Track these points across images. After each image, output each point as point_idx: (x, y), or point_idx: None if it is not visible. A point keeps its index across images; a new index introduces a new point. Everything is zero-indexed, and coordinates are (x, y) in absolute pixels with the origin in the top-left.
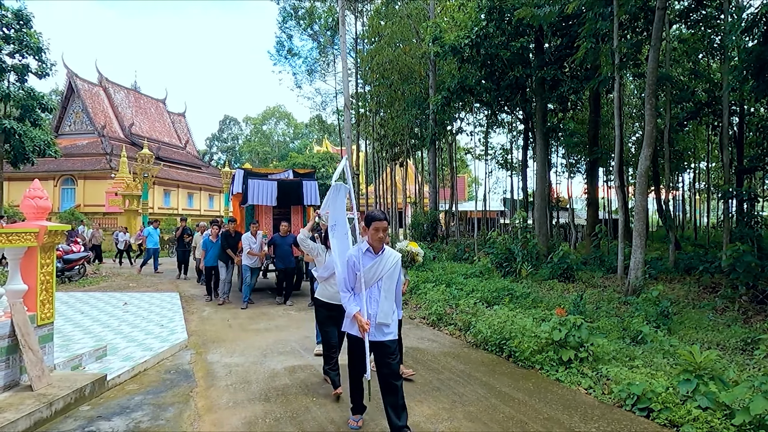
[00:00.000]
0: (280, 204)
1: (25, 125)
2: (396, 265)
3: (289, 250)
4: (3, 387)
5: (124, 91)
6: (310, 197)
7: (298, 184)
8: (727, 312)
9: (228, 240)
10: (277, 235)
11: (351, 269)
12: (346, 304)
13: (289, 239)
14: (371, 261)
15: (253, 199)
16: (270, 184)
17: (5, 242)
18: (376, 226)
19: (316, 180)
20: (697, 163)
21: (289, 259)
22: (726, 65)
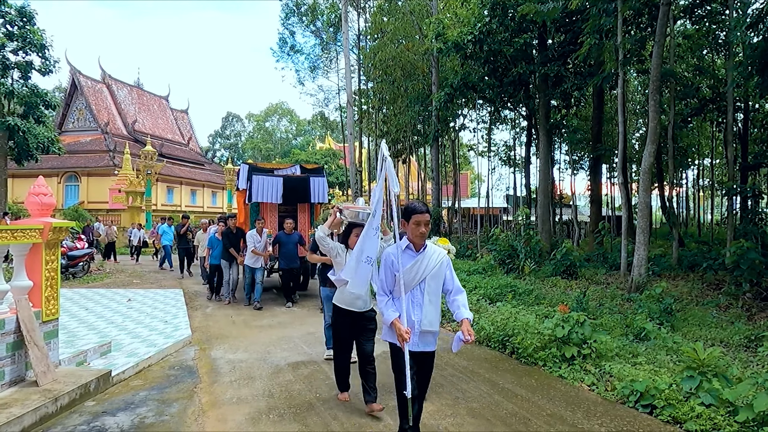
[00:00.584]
0: (286, 201)
1: (28, 122)
2: (441, 264)
3: (294, 250)
4: (9, 383)
5: (127, 88)
6: (317, 194)
7: (305, 181)
8: (731, 309)
9: (229, 238)
10: (282, 232)
11: (389, 269)
12: (384, 309)
13: (294, 237)
14: (412, 259)
15: (257, 196)
16: (275, 181)
17: (10, 239)
18: (417, 220)
19: (324, 176)
20: (701, 159)
21: (294, 258)
22: (731, 61)
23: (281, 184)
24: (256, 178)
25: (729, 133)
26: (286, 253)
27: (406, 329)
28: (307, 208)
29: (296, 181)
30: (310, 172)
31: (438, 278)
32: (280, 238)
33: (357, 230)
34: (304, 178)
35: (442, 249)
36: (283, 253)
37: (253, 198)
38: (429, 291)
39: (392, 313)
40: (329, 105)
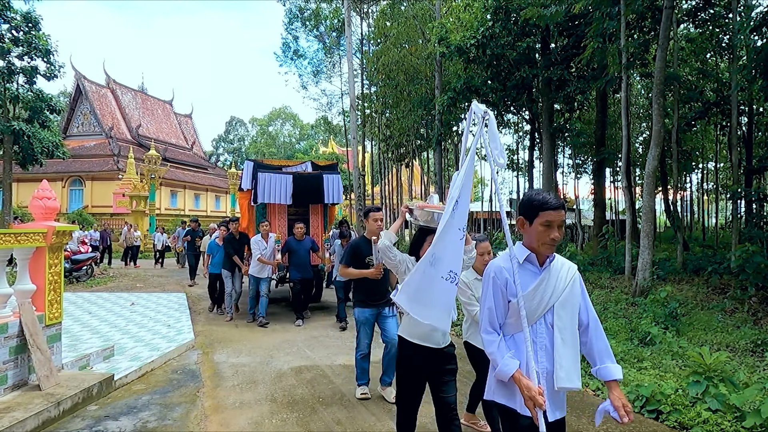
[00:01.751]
0: (297, 202)
1: (33, 127)
2: (573, 283)
3: (307, 257)
4: (12, 386)
5: (132, 93)
6: (332, 194)
7: (317, 179)
8: (737, 313)
9: (231, 244)
10: (292, 238)
11: (499, 293)
12: (496, 355)
13: (306, 244)
14: (534, 279)
15: (264, 196)
16: (284, 179)
17: (14, 242)
18: (549, 219)
19: (339, 173)
20: (705, 163)
21: (306, 267)
22: (734, 64)
23: (291, 183)
24: (263, 175)
25: (733, 136)
26: (297, 262)
27: (539, 388)
28: (320, 210)
29: (308, 179)
30: (322, 169)
31: (571, 306)
32: (290, 244)
33: (432, 238)
34: (317, 175)
35: (573, 264)
36: (294, 261)
37: (258, 198)
38: (561, 326)
39: (511, 362)
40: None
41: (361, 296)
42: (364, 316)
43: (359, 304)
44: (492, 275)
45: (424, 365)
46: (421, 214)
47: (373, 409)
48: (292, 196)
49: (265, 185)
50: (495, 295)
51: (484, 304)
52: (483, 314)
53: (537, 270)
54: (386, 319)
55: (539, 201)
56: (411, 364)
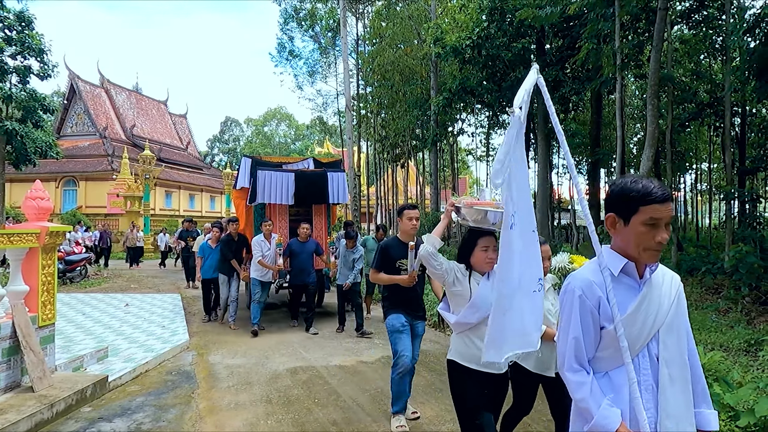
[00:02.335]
0: (299, 202)
1: (26, 127)
2: (679, 300)
3: (309, 261)
4: (4, 388)
5: (126, 93)
6: (337, 193)
7: (321, 177)
8: (731, 313)
9: (229, 246)
10: (295, 240)
11: (589, 318)
12: (588, 400)
13: (310, 246)
14: (635, 295)
15: (263, 195)
16: (285, 177)
17: (7, 243)
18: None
19: (344, 171)
20: (699, 164)
21: (308, 272)
22: (728, 66)
23: (293, 181)
24: (262, 173)
25: (727, 137)
26: (298, 266)
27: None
28: (323, 211)
29: (311, 177)
30: (325, 166)
31: (677, 329)
32: (292, 247)
33: (486, 241)
34: (321, 173)
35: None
36: (296, 265)
37: (258, 198)
38: (667, 358)
39: (611, 413)
40: (328, 109)
41: (393, 302)
42: (401, 323)
43: (393, 309)
44: (578, 293)
45: (487, 393)
46: (470, 212)
47: (369, 410)
48: (294, 195)
49: (265, 184)
50: (583, 319)
51: (567, 333)
52: (566, 346)
53: (636, 284)
54: (416, 336)
55: (640, 192)
56: (476, 392)
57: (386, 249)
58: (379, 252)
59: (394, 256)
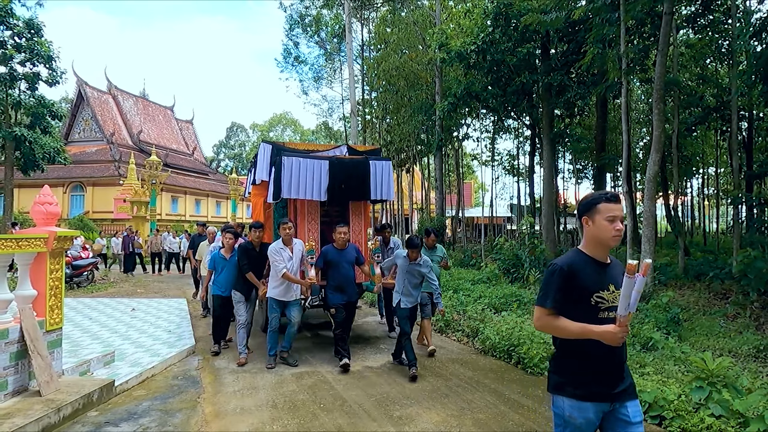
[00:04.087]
0: (333, 199)
1: (35, 133)
2: None
3: (351, 273)
4: (12, 392)
5: (133, 99)
6: (381, 187)
7: (362, 166)
8: (739, 319)
9: (248, 257)
10: (331, 247)
11: None
12: None
13: (350, 254)
14: None
15: (290, 188)
16: (318, 165)
17: (15, 248)
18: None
19: (389, 159)
20: (706, 168)
21: (351, 287)
22: (734, 70)
23: (327, 171)
24: (289, 160)
25: (734, 141)
26: (339, 279)
27: None
28: (363, 210)
29: (350, 167)
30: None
31: None
32: (328, 256)
33: None
34: (362, 161)
35: None
36: (335, 278)
37: (283, 192)
38: None
39: None
40: (333, 115)
41: (577, 377)
42: (584, 418)
43: (572, 390)
44: None
45: None
46: None
47: (375, 415)
48: (328, 189)
49: (292, 174)
50: None
51: None
52: None
53: None
54: None
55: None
56: None
57: (572, 271)
58: (558, 278)
59: (589, 286)
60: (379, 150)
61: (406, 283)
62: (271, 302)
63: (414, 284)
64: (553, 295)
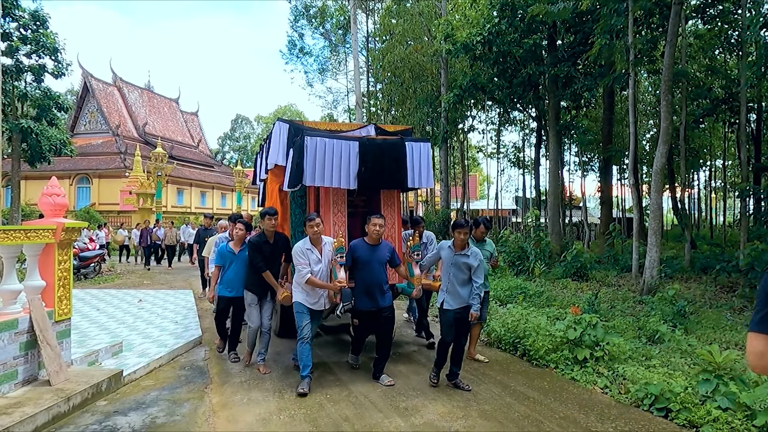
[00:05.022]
0: (362, 186)
1: (41, 125)
2: None
3: (383, 274)
4: (22, 382)
5: (138, 91)
6: (420, 173)
7: (398, 148)
8: (746, 312)
9: (260, 251)
10: (361, 242)
11: None
12: None
13: (383, 252)
14: None
15: (314, 175)
16: (347, 147)
17: (24, 239)
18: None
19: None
20: (713, 161)
21: (383, 290)
22: (744, 61)
23: (357, 154)
24: (313, 141)
25: (742, 133)
26: (366, 281)
27: None
28: (395, 200)
29: (384, 149)
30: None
31: None
32: (357, 252)
33: None
34: (397, 143)
35: None
36: (361, 279)
37: (306, 179)
38: None
39: None
40: (338, 107)
41: None
42: None
43: None
44: None
45: None
46: None
47: (381, 406)
48: (358, 175)
49: (317, 157)
50: None
51: None
52: None
53: None
54: None
55: None
56: None
57: None
58: None
59: None
60: (411, 130)
61: (451, 278)
62: (299, 306)
63: (461, 280)
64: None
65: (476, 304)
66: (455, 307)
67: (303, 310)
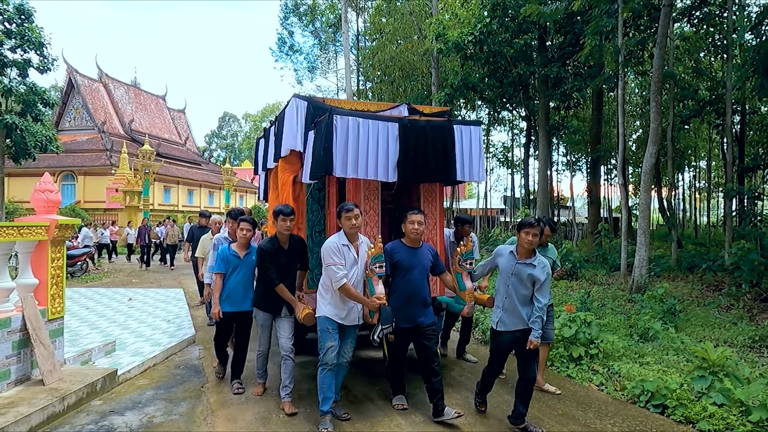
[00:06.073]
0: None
1: (26, 120)
2: None
3: (425, 286)
4: (15, 381)
5: (124, 87)
6: (469, 163)
7: (445, 131)
8: (732, 310)
9: (274, 258)
10: (399, 243)
11: None
12: None
13: (425, 257)
14: None
15: (345, 163)
16: (385, 129)
17: (17, 236)
18: None
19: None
20: (698, 161)
21: (425, 303)
22: (729, 63)
23: (397, 137)
24: (344, 121)
25: (728, 134)
26: (406, 291)
27: None
28: (437, 195)
29: (428, 132)
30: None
31: None
32: (394, 255)
33: None
34: (444, 125)
35: None
36: (402, 290)
37: (335, 168)
38: None
39: None
40: None
41: None
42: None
43: None
44: None
45: None
46: None
47: (381, 405)
48: (398, 163)
49: (349, 140)
50: None
51: None
52: None
53: None
54: None
55: None
56: None
57: None
58: None
59: None
60: (449, 112)
61: (510, 292)
62: (326, 323)
63: (522, 297)
64: None
65: (537, 330)
66: (511, 329)
67: (330, 327)
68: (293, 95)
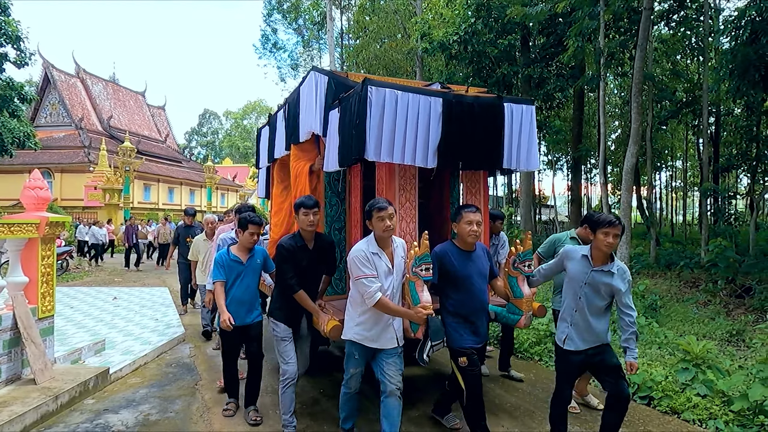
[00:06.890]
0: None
1: (3, 116)
2: None
3: (485, 295)
4: (5, 380)
5: (102, 83)
6: (520, 148)
7: (496, 109)
8: (710, 306)
9: (295, 261)
10: (451, 245)
11: None
12: None
13: (482, 261)
14: None
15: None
16: (426, 104)
17: (7, 233)
18: None
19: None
20: (674, 161)
21: (487, 316)
22: (705, 66)
23: (440, 114)
24: (379, 92)
25: (704, 135)
26: (467, 303)
27: None
28: (481, 185)
29: (476, 109)
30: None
31: None
32: (446, 260)
33: None
34: (494, 102)
35: None
36: (460, 300)
37: (367, 151)
38: None
39: None
40: None
41: None
42: None
43: None
44: None
45: None
46: None
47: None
48: (438, 146)
49: (385, 118)
50: None
51: None
52: None
53: None
54: None
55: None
56: None
57: None
58: None
59: None
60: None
61: (582, 305)
62: (351, 348)
63: (597, 309)
64: None
65: (634, 349)
66: (582, 348)
67: (356, 352)
68: (312, 68)
